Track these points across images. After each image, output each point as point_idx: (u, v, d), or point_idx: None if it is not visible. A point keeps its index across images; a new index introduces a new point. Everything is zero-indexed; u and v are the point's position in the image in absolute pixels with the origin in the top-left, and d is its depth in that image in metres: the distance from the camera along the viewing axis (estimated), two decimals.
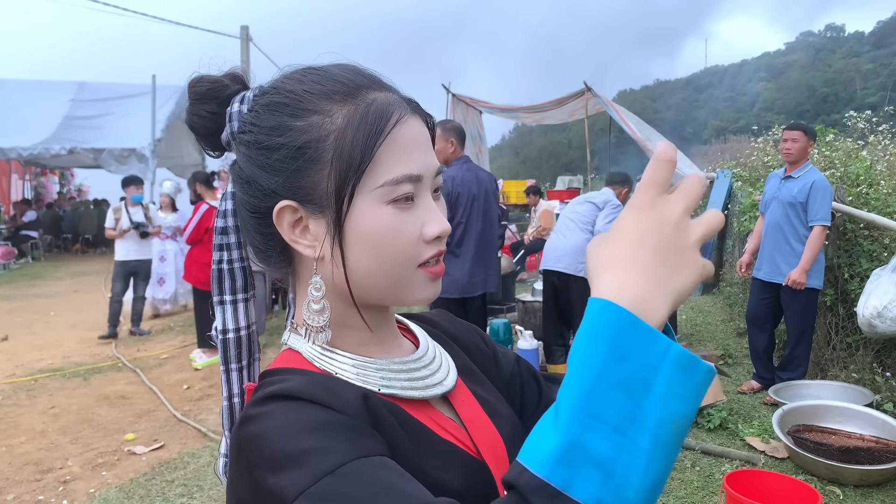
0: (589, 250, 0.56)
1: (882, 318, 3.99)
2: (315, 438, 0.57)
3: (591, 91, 9.55)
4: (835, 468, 3.38)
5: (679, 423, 0.49)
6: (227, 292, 0.77)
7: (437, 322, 0.90)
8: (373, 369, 0.70)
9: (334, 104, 0.67)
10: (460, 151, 4.39)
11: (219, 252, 0.78)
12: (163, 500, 3.49)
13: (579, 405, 0.49)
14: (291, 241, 0.69)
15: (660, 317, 0.51)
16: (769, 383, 4.72)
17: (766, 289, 4.76)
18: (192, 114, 0.74)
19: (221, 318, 0.77)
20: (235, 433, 0.61)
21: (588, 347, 0.50)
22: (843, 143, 6.36)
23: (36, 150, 12.76)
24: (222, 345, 0.77)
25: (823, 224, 4.42)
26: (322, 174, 0.66)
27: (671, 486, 3.43)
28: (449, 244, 4.25)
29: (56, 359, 6.68)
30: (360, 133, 0.65)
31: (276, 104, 0.68)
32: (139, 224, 7.53)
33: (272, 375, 0.68)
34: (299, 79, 0.70)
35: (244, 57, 15.72)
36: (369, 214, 0.66)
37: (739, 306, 6.77)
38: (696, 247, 0.53)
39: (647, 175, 0.54)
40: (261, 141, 0.68)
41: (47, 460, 4.17)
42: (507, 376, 0.91)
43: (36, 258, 15.95)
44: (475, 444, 0.73)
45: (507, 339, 5.17)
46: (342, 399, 0.62)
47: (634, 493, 0.47)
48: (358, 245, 0.67)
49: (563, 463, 0.48)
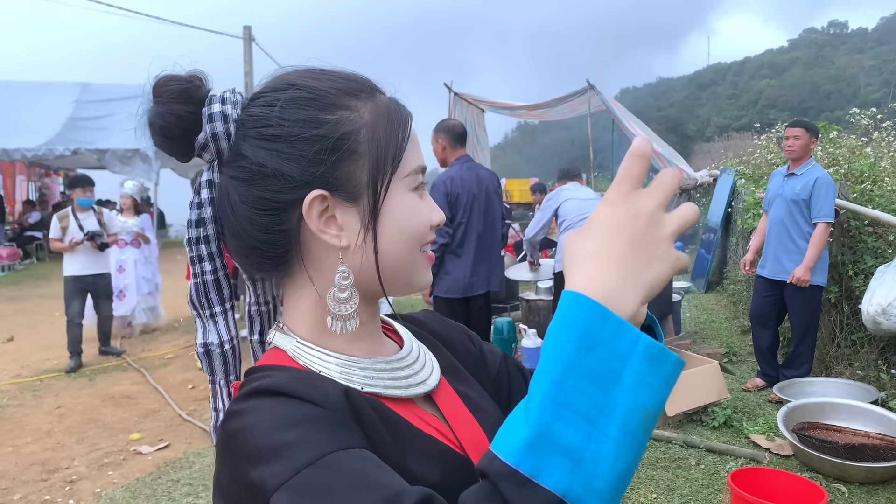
0: (565, 243, 0.57)
1: (887, 315, 3.98)
2: (296, 432, 0.58)
3: (593, 89, 9.54)
4: (840, 466, 3.38)
5: (648, 412, 0.50)
6: (207, 306, 0.77)
7: (423, 322, 0.92)
8: (356, 368, 0.71)
9: (358, 101, 0.71)
10: (454, 150, 4.37)
11: (199, 264, 0.76)
12: (168, 499, 3.51)
13: (549, 395, 0.50)
14: (319, 231, 0.69)
15: (631, 308, 0.52)
16: (774, 381, 4.72)
17: (770, 286, 4.75)
18: (168, 113, 0.72)
19: (203, 332, 0.77)
20: (220, 429, 0.63)
21: (558, 339, 0.51)
22: (847, 140, 6.35)
23: (40, 151, 12.77)
24: (206, 358, 0.77)
25: (827, 221, 4.41)
26: (357, 165, 0.69)
27: (676, 484, 3.44)
28: (450, 244, 4.25)
29: (62, 359, 6.69)
30: (391, 127, 0.71)
31: (302, 98, 0.69)
32: (93, 234, 6.30)
33: (256, 372, 0.69)
34: (315, 77, 0.72)
35: (247, 57, 15.70)
36: (401, 202, 0.71)
37: (743, 304, 6.77)
38: (669, 240, 0.55)
39: (622, 170, 0.56)
40: (295, 133, 0.68)
41: (53, 460, 4.18)
42: (493, 374, 0.92)
43: (41, 259, 15.98)
44: (458, 439, 0.75)
45: (511, 338, 5.17)
46: (324, 394, 0.64)
47: (603, 481, 0.48)
48: (391, 231, 0.71)
49: (532, 451, 0.49)
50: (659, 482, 3.46)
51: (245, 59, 15.91)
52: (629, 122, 9.19)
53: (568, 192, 5.36)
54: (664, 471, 3.58)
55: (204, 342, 0.77)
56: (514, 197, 17.19)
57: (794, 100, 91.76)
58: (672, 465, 3.65)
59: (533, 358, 4.93)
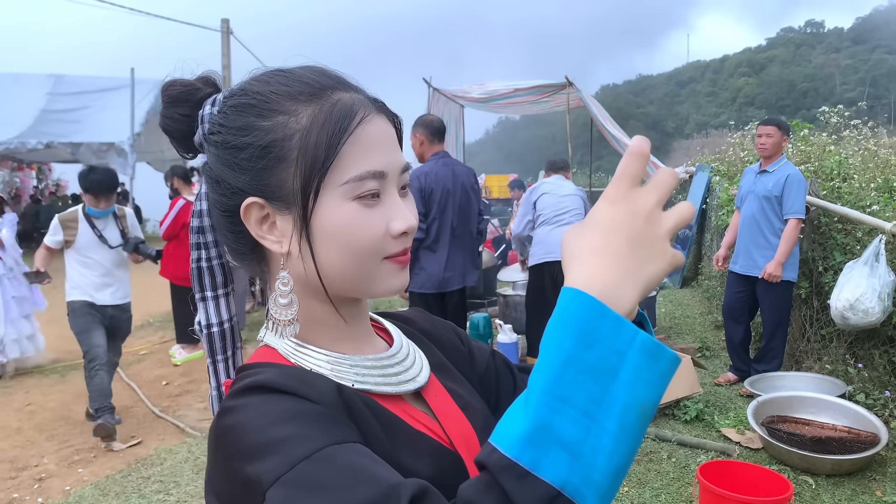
0: (564, 240, 0.58)
1: (854, 311, 4.04)
2: (290, 427, 0.58)
3: (572, 86, 9.58)
4: (807, 458, 3.43)
5: (645, 407, 0.51)
6: (209, 288, 0.80)
7: (412, 320, 0.93)
8: (347, 365, 0.72)
9: (300, 104, 0.69)
10: (433, 146, 4.36)
11: (197, 251, 0.80)
12: (139, 496, 3.47)
13: (548, 389, 0.51)
14: (259, 238, 0.71)
15: (629, 305, 0.53)
16: (745, 375, 4.78)
17: (742, 282, 4.81)
18: (165, 117, 0.77)
19: (205, 314, 0.80)
20: (213, 426, 0.63)
21: (558, 334, 0.52)
22: (819, 138, 6.43)
23: (12, 144, 12.54)
24: (207, 339, 0.80)
25: (798, 217, 4.48)
26: (288, 172, 0.68)
27: (647, 477, 3.47)
28: (425, 240, 4.25)
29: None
30: (324, 131, 0.67)
31: (243, 105, 0.70)
32: (137, 244, 4.68)
33: (248, 369, 0.70)
34: (266, 80, 0.72)
35: (225, 50, 15.59)
36: (335, 210, 0.67)
37: (717, 299, 6.84)
38: (666, 237, 0.56)
39: (621, 168, 0.57)
40: (228, 141, 0.70)
41: (23, 458, 4.13)
42: (482, 371, 0.93)
43: None
44: (448, 436, 0.75)
45: (488, 334, 5.19)
46: (317, 390, 0.64)
47: (601, 474, 0.50)
48: (325, 240, 0.68)
49: (531, 444, 0.50)
50: (630, 476, 3.50)
51: (223, 52, 15.78)
52: (605, 121, 9.25)
53: (546, 187, 5.38)
54: (636, 464, 3.62)
55: (206, 323, 0.80)
56: (493, 192, 17.22)
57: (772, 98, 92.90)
58: (644, 458, 3.69)
59: (508, 353, 4.95)
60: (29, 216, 17.62)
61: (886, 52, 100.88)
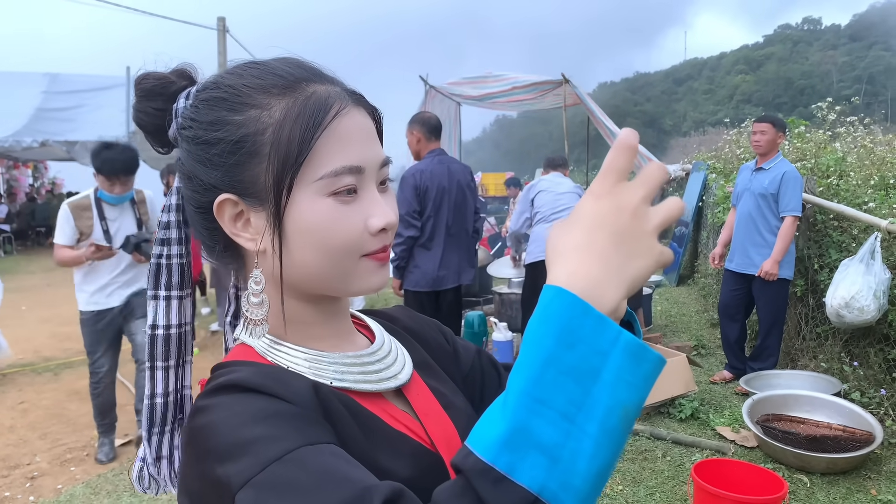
0: (548, 236, 0.56)
1: (850, 309, 4.03)
2: (262, 427, 0.57)
3: (569, 83, 9.56)
4: (802, 456, 3.43)
5: (627, 410, 0.49)
6: (163, 287, 0.77)
7: (396, 318, 0.91)
8: (326, 363, 0.70)
9: (272, 97, 0.66)
10: (429, 143, 4.34)
11: (160, 246, 0.78)
12: (130, 494, 3.46)
13: (527, 391, 0.49)
14: (233, 235, 0.69)
15: (613, 303, 0.51)
16: (741, 373, 4.77)
17: (738, 280, 4.80)
18: (138, 111, 0.75)
19: (153, 313, 0.77)
20: (186, 426, 0.62)
21: (538, 334, 0.50)
22: (815, 135, 6.42)
23: (7, 142, 12.54)
24: (150, 340, 0.77)
25: (794, 215, 4.46)
26: (260, 168, 0.66)
27: (642, 476, 3.46)
28: (420, 237, 4.23)
29: (27, 353, 6.58)
30: (297, 125, 0.65)
31: (214, 99, 0.68)
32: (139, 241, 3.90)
33: (223, 368, 0.68)
34: (239, 73, 0.69)
35: (221, 48, 15.52)
36: (309, 207, 0.65)
37: (714, 297, 6.84)
38: (653, 234, 0.54)
39: (607, 162, 0.54)
40: (199, 136, 0.68)
41: (15, 456, 4.11)
42: (466, 370, 0.91)
43: (8, 252, 15.70)
44: (429, 435, 0.74)
45: (483, 331, 5.18)
46: (292, 389, 0.62)
47: (581, 479, 0.48)
48: (299, 238, 0.66)
49: (508, 447, 0.48)
50: (625, 474, 3.49)
51: (219, 50, 15.73)
52: (603, 117, 9.23)
53: (544, 184, 5.35)
54: (630, 463, 3.61)
55: (152, 323, 0.76)
56: (489, 190, 17.22)
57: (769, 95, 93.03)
58: (638, 457, 3.68)
59: (503, 351, 4.95)
60: (25, 214, 17.62)
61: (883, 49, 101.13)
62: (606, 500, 3.25)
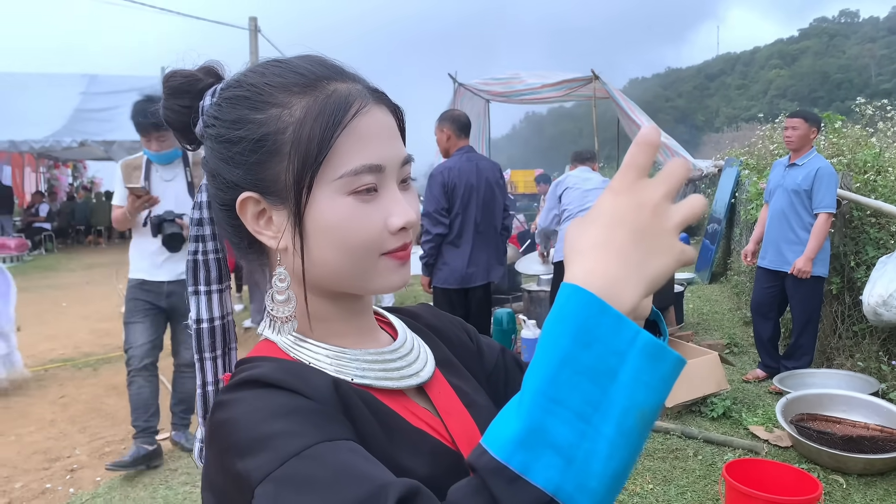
0: (567, 233, 0.55)
1: (888, 307, 3.95)
2: (282, 423, 0.57)
3: (598, 79, 9.50)
4: (838, 457, 3.37)
5: (645, 412, 0.48)
6: (202, 283, 0.79)
7: (419, 315, 0.91)
8: (348, 359, 0.71)
9: (294, 96, 0.67)
10: (459, 140, 4.36)
11: (194, 243, 0.79)
12: (166, 487, 3.53)
13: (542, 390, 0.49)
14: (255, 233, 0.70)
15: (631, 302, 0.51)
16: (774, 372, 4.70)
17: (771, 277, 4.73)
18: (166, 108, 0.76)
19: (196, 308, 0.79)
20: (209, 420, 0.63)
21: (554, 333, 0.50)
22: (852, 130, 6.29)
23: (47, 142, 12.85)
24: (196, 334, 0.78)
25: (828, 211, 4.38)
26: (281, 166, 0.66)
27: (673, 475, 3.43)
28: (448, 235, 4.25)
29: (67, 349, 6.74)
30: (317, 124, 0.65)
31: (237, 97, 0.69)
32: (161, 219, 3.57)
33: (246, 363, 0.69)
34: (261, 71, 0.70)
35: (252, 48, 15.72)
36: (329, 206, 0.66)
37: (747, 295, 6.73)
38: (674, 232, 0.53)
39: (628, 158, 0.54)
40: (222, 134, 0.69)
41: (55, 449, 4.22)
42: (490, 368, 0.91)
43: (49, 250, 16.08)
44: (450, 434, 0.74)
45: (511, 329, 5.18)
46: (312, 385, 0.63)
47: (596, 480, 0.47)
48: (319, 236, 0.67)
49: (523, 447, 0.48)
50: (656, 473, 3.46)
51: (251, 49, 15.92)
52: (634, 112, 9.14)
53: (571, 180, 5.30)
54: (661, 461, 3.58)
55: (196, 317, 0.78)
56: (519, 188, 17.18)
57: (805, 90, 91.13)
58: (669, 455, 3.65)
59: (532, 349, 4.92)
60: (65, 213, 18.03)
61: None
62: (637, 499, 3.24)
